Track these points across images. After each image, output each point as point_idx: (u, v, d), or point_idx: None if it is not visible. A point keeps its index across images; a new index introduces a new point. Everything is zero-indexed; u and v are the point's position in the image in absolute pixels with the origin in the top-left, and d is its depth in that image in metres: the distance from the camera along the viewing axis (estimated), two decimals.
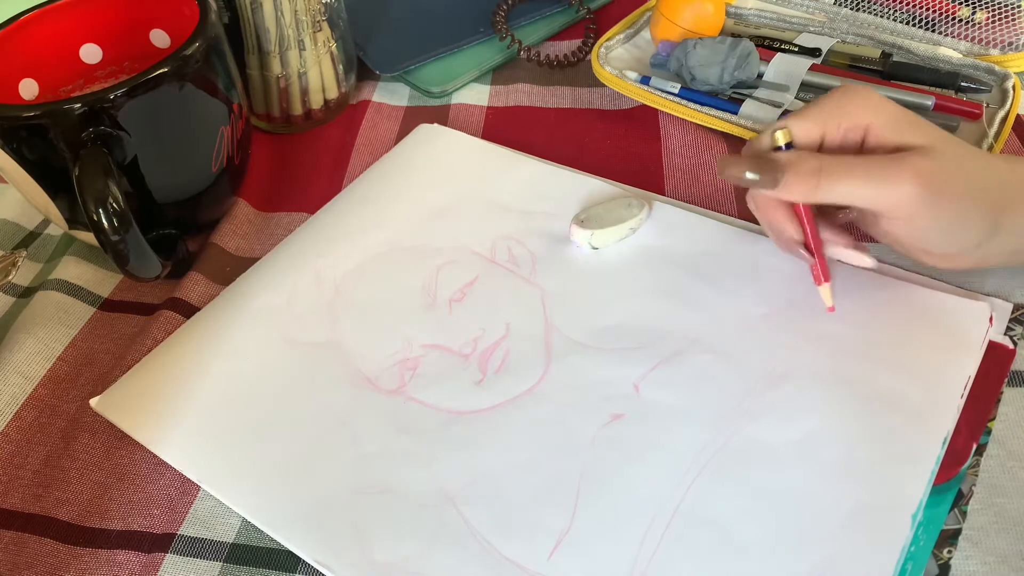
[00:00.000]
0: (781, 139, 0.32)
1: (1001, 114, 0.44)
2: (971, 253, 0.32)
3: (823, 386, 0.33)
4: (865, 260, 0.34)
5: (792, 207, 0.34)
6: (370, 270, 0.41)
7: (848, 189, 0.30)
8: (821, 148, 0.32)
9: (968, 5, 0.49)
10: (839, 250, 0.34)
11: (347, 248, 0.42)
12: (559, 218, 0.42)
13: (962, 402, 0.32)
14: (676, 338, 0.36)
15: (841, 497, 0.30)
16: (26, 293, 0.42)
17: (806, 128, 0.32)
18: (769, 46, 0.51)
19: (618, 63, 0.53)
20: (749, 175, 0.31)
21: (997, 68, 0.47)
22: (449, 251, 0.41)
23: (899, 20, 0.51)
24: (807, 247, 0.34)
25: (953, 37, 0.50)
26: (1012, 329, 0.35)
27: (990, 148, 0.42)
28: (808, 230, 0.34)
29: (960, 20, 0.50)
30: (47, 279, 0.42)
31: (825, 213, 0.36)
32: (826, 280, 0.35)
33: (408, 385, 0.35)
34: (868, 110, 0.31)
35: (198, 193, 0.41)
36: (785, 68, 0.48)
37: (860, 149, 0.32)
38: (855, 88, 0.32)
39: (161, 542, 0.31)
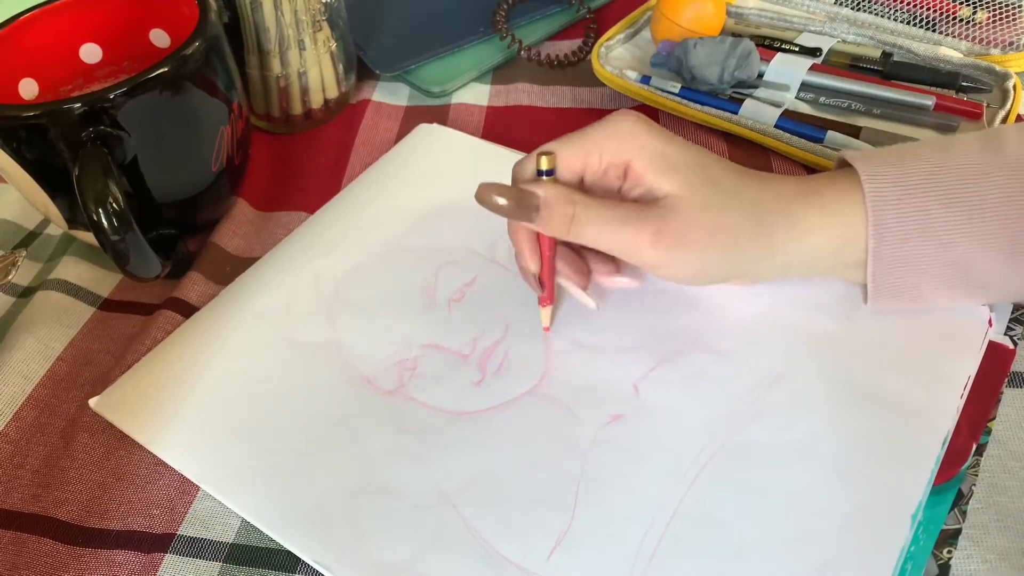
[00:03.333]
0: (544, 164, 0.32)
1: (1002, 114, 0.44)
2: (730, 281, 0.33)
3: (823, 386, 0.33)
4: (588, 302, 0.36)
5: (537, 234, 0.34)
6: (370, 270, 0.41)
7: (596, 239, 0.31)
8: (583, 178, 0.33)
9: (969, 5, 0.49)
10: (571, 286, 0.35)
11: (347, 248, 0.42)
12: None
13: (962, 402, 0.32)
14: (676, 338, 0.36)
15: (841, 497, 0.30)
16: (26, 293, 0.42)
17: (571, 156, 0.32)
18: (770, 46, 0.51)
19: (618, 63, 0.53)
20: (505, 204, 0.31)
21: (998, 68, 0.47)
22: (448, 251, 0.41)
23: (900, 20, 0.51)
24: (540, 277, 0.35)
25: (954, 37, 0.50)
26: (1012, 329, 0.35)
27: None
28: (544, 261, 0.34)
29: (961, 20, 0.50)
30: (47, 279, 0.42)
31: None
32: (550, 303, 0.36)
33: (407, 385, 0.35)
34: (631, 148, 0.31)
35: (198, 193, 0.41)
36: (785, 68, 0.48)
37: (623, 181, 0.33)
38: (625, 121, 0.32)
39: (160, 542, 0.31)
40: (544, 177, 0.32)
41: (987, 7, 0.49)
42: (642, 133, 0.32)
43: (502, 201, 0.31)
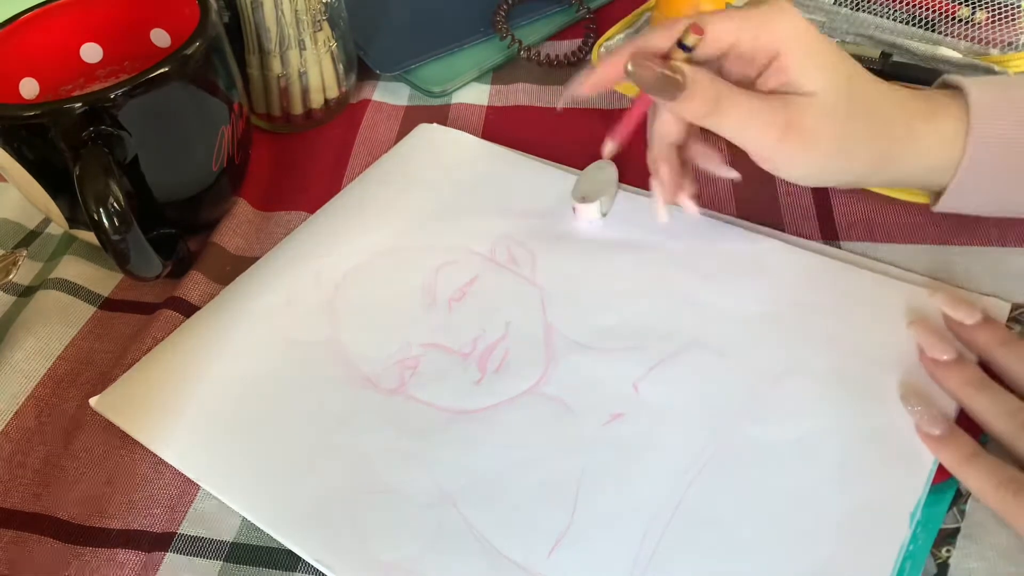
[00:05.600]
0: (691, 40, 0.31)
1: None
2: (838, 186, 0.36)
3: (822, 386, 0.33)
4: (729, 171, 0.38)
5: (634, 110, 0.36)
6: (370, 270, 0.41)
7: (732, 127, 0.32)
8: (726, 56, 0.33)
9: (968, 5, 0.49)
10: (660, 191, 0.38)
11: (347, 247, 0.42)
12: (559, 218, 0.42)
13: None
14: (676, 338, 0.36)
15: (840, 496, 0.30)
16: (26, 292, 0.42)
17: (723, 30, 0.32)
18: None
19: None
20: (652, 79, 0.31)
21: (997, 68, 0.47)
22: (449, 251, 0.41)
23: (899, 20, 0.51)
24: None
25: (953, 37, 0.50)
26: (1011, 329, 0.35)
27: None
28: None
29: (960, 20, 0.50)
30: (47, 278, 0.42)
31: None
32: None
33: (408, 384, 0.35)
34: (789, 36, 0.32)
35: (198, 192, 0.41)
36: None
37: (764, 69, 0.33)
38: (785, 10, 0.32)
39: (161, 541, 0.32)
40: (683, 52, 0.32)
41: (986, 7, 0.49)
42: (802, 25, 0.32)
43: (649, 75, 0.31)
